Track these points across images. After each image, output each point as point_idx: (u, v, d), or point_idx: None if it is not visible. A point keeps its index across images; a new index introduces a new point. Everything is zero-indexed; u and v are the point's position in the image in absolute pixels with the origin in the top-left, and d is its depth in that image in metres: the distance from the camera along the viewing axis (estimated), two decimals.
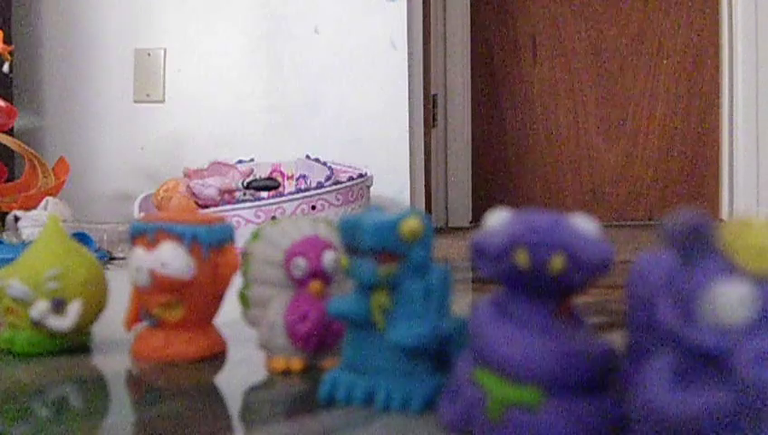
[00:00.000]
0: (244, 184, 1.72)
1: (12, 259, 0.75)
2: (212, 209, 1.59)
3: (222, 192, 1.67)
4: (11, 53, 1.70)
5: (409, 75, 1.96)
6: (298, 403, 0.56)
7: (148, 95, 2.03)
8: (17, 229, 1.39)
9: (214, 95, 2.02)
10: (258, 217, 1.56)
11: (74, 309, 0.70)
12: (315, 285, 0.62)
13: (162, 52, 2.03)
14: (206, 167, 1.74)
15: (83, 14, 2.06)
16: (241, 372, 0.66)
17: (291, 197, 1.61)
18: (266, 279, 0.64)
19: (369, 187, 1.73)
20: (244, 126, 1.99)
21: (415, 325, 0.52)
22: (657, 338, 0.39)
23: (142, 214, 1.65)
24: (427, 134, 2.06)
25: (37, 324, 0.70)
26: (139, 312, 0.70)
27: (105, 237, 1.50)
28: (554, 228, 0.43)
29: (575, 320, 0.46)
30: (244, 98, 2.00)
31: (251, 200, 1.63)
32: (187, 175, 1.72)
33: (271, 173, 1.86)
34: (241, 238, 0.68)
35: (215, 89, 2.02)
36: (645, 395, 0.38)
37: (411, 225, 0.51)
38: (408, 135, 1.96)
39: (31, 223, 1.39)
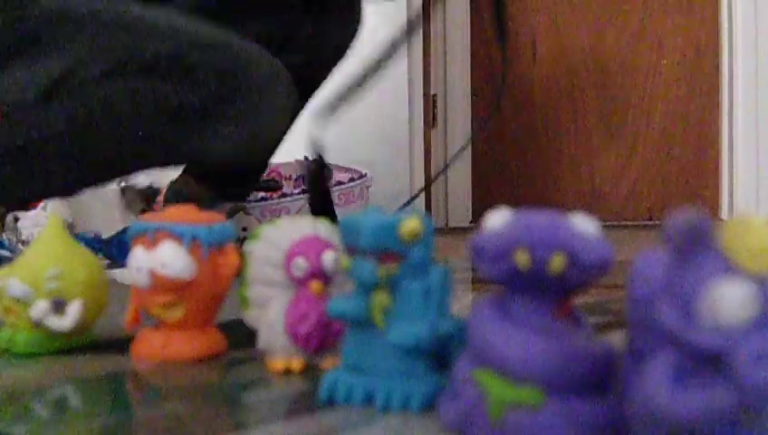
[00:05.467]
0: None
1: (12, 259, 0.75)
2: None
3: None
4: None
5: (409, 75, 1.96)
6: (298, 403, 0.56)
7: None
8: (17, 229, 1.39)
9: None
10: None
11: (74, 309, 0.70)
12: (315, 285, 0.62)
13: None
14: None
15: None
16: (241, 372, 0.66)
17: (291, 197, 1.61)
18: (266, 279, 0.64)
19: (369, 187, 1.73)
20: None
21: (415, 325, 0.52)
22: (657, 338, 0.39)
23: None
24: (426, 134, 2.06)
25: (37, 324, 0.70)
26: (139, 312, 0.70)
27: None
28: (554, 228, 0.43)
29: (575, 320, 0.46)
30: None
31: (251, 200, 1.63)
32: None
33: (270, 174, 1.86)
34: None
35: None
36: (645, 395, 0.38)
37: (411, 225, 0.51)
38: (407, 135, 1.96)
39: (31, 223, 1.39)
